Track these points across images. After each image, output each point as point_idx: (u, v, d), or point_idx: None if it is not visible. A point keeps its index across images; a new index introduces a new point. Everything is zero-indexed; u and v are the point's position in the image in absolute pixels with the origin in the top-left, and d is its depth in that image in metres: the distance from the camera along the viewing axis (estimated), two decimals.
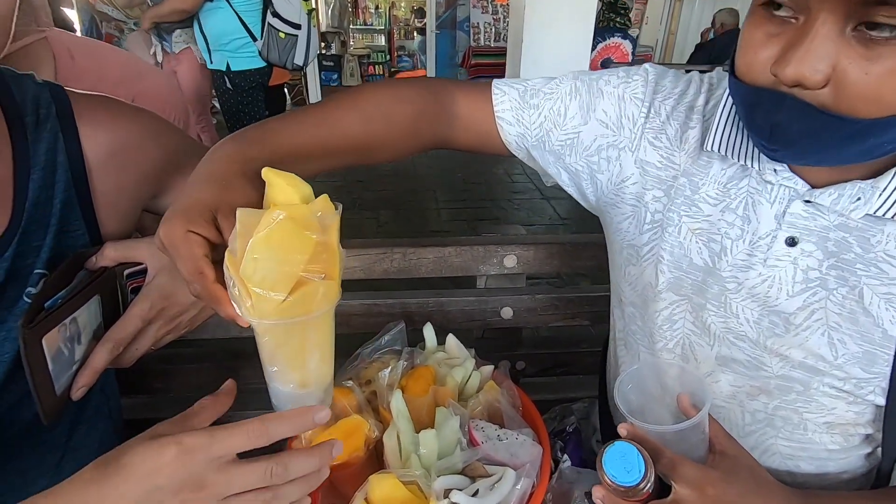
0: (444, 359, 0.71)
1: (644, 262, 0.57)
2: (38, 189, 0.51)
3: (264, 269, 0.34)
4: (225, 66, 2.49)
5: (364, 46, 7.53)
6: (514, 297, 0.84)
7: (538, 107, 0.58)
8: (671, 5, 7.07)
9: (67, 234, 0.53)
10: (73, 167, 0.54)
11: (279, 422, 0.37)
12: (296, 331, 0.38)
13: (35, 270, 0.50)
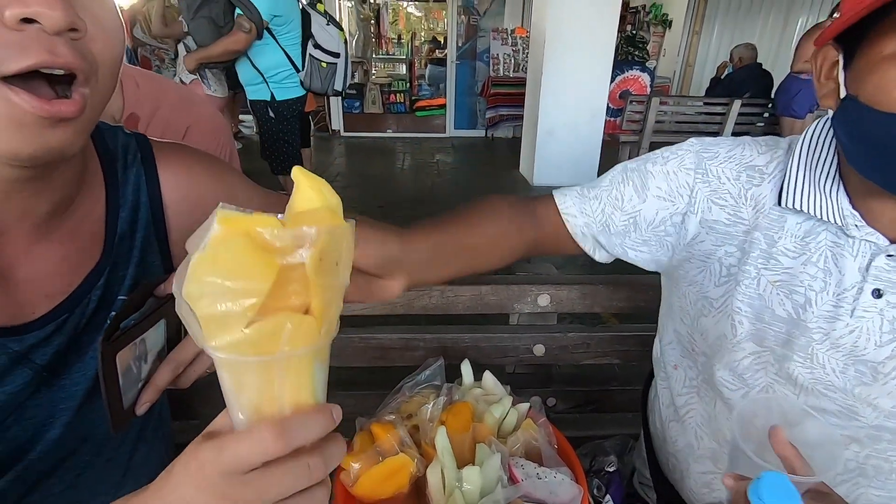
0: (482, 395, 0.73)
1: (718, 313, 0.59)
2: (125, 225, 0.56)
3: (211, 293, 0.27)
4: (269, 97, 2.61)
5: (386, 75, 7.76)
6: (547, 335, 0.86)
7: (598, 197, 0.65)
8: (689, 38, 7.17)
9: (146, 265, 0.58)
10: (153, 206, 0.59)
11: (302, 422, 0.30)
12: (260, 374, 0.29)
13: (119, 297, 0.56)
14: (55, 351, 0.51)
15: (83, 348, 0.53)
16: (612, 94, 4.84)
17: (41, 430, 0.52)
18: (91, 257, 0.54)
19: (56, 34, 0.36)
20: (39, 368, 0.50)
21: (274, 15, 2.44)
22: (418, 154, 6.15)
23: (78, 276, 0.53)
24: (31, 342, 0.49)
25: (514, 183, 4.92)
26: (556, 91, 4.50)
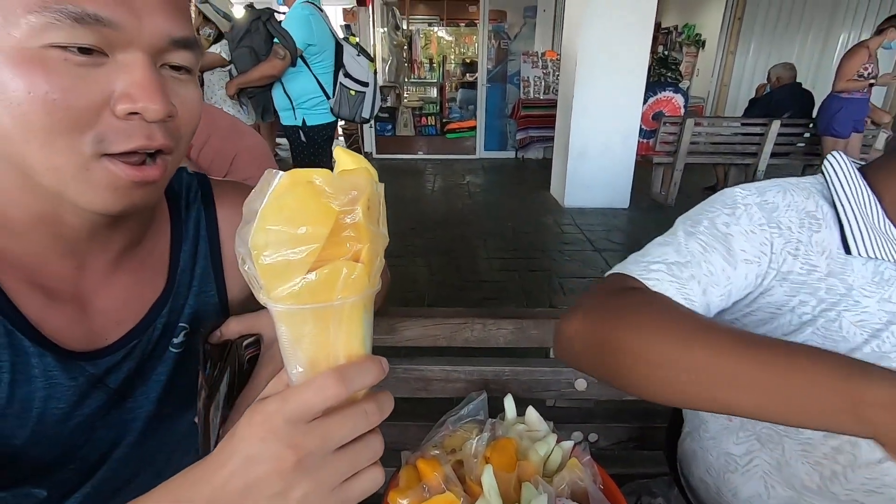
0: (525, 431, 0.73)
1: None
2: (186, 258, 0.60)
3: (276, 241, 0.29)
4: (301, 122, 2.74)
5: (418, 99, 7.92)
6: None
7: (694, 277, 0.57)
8: (723, 57, 7.08)
9: (204, 294, 0.62)
10: (211, 241, 0.63)
11: (357, 369, 0.32)
12: (316, 322, 0.31)
13: (179, 324, 0.59)
14: (125, 375, 0.55)
15: (147, 373, 0.57)
16: (645, 116, 4.80)
17: (110, 451, 0.56)
18: (156, 288, 0.58)
19: (154, 122, 0.42)
20: (112, 391, 0.54)
21: (308, 44, 2.60)
22: (449, 175, 6.22)
23: (145, 305, 0.57)
24: (106, 366, 0.53)
25: (545, 204, 4.92)
26: (588, 113, 4.51)
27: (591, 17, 4.21)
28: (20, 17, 0.37)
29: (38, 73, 0.38)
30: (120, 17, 0.39)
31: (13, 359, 0.46)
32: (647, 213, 4.67)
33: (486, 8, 6.68)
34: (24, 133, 0.39)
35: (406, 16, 8.46)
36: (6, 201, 0.45)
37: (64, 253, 0.49)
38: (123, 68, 0.40)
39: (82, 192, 0.42)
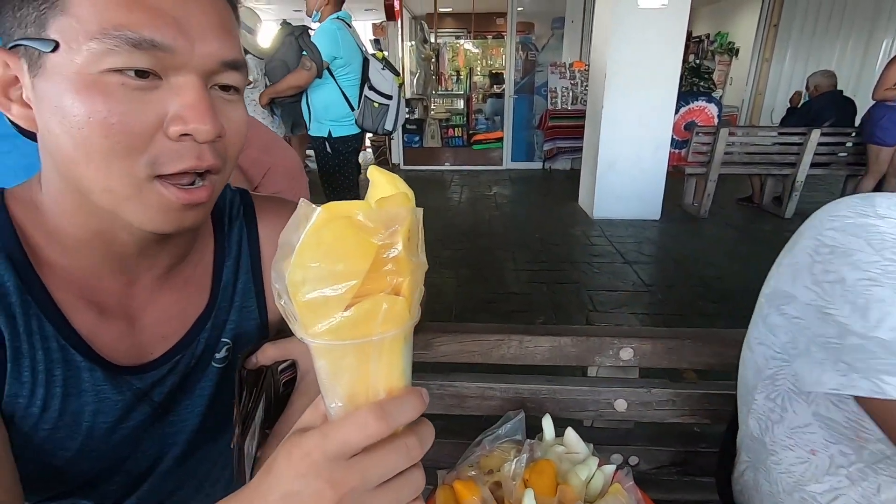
0: (565, 453, 0.71)
1: None
2: (229, 274, 0.61)
3: (314, 278, 0.28)
4: (327, 133, 2.81)
5: (444, 111, 7.99)
6: (629, 390, 0.83)
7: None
8: (758, 65, 6.90)
9: (245, 310, 0.62)
10: (253, 256, 0.64)
11: (398, 403, 0.31)
12: (356, 357, 0.31)
13: (221, 339, 0.60)
14: (169, 389, 0.55)
15: (191, 387, 0.58)
16: (677, 126, 4.71)
17: (154, 464, 0.57)
18: (199, 303, 0.59)
19: (204, 143, 0.43)
20: (156, 405, 0.55)
21: (334, 56, 2.68)
22: (476, 187, 6.22)
23: (189, 320, 0.57)
24: (151, 381, 0.54)
25: (573, 216, 4.86)
26: (618, 123, 4.45)
27: (621, 27, 4.17)
28: (82, 43, 0.38)
29: (98, 97, 0.39)
30: (175, 42, 0.40)
31: (66, 373, 0.47)
32: (680, 225, 4.56)
33: (513, 20, 6.71)
34: (83, 155, 0.40)
35: (434, 29, 8.57)
36: (64, 219, 0.46)
37: (115, 270, 0.51)
38: (176, 90, 0.42)
39: (135, 213, 0.44)
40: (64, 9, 0.38)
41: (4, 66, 0.41)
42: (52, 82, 0.39)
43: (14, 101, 0.42)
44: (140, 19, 0.39)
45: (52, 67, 0.39)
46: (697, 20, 8.03)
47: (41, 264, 0.47)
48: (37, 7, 0.39)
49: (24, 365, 0.45)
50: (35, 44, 0.39)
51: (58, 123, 0.40)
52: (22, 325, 0.45)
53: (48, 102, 0.40)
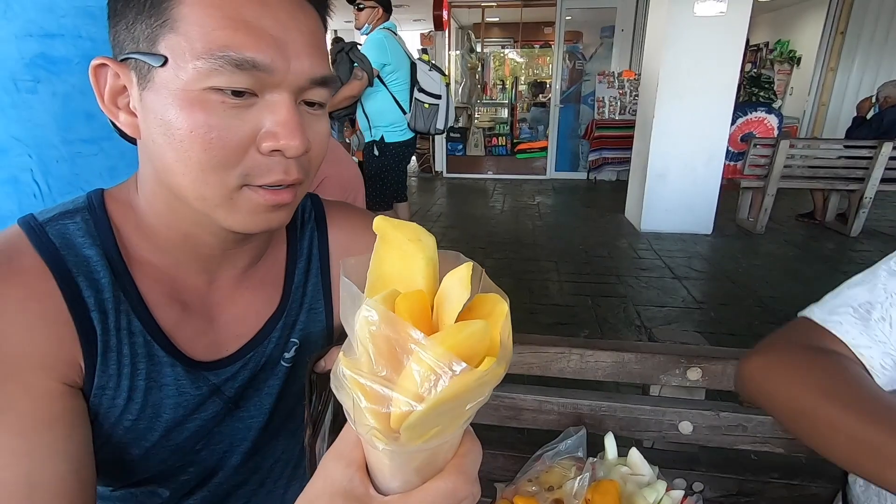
0: (629, 474, 0.68)
1: None
2: (301, 275, 0.62)
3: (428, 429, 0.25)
4: (379, 137, 2.89)
5: (489, 119, 8.00)
6: (695, 412, 0.79)
7: (885, 318, 0.54)
8: (822, 75, 6.54)
9: (314, 311, 0.64)
10: (322, 259, 0.65)
11: (472, 459, 0.30)
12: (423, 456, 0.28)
13: (291, 339, 0.61)
14: (239, 385, 0.57)
15: (260, 384, 0.59)
16: (733, 137, 4.53)
17: (225, 457, 0.58)
18: (272, 303, 0.60)
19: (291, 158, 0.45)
20: (227, 400, 0.56)
21: (383, 64, 2.76)
22: (518, 196, 6.18)
23: (262, 318, 0.59)
24: (225, 376, 0.55)
25: (619, 228, 4.74)
26: (670, 134, 4.32)
27: (676, 35, 4.06)
28: (188, 61, 0.40)
29: (200, 113, 0.41)
30: (273, 62, 0.42)
31: (149, 367, 0.49)
32: (733, 241, 4.36)
33: (561, 29, 6.66)
34: (182, 166, 0.43)
35: (481, 38, 8.62)
36: (157, 220, 0.49)
37: (199, 268, 0.53)
38: (269, 107, 0.43)
39: (226, 217, 0.46)
40: (174, 28, 0.40)
41: (115, 76, 0.43)
42: (159, 95, 0.41)
43: (121, 108, 0.44)
44: (243, 41, 0.40)
45: (159, 81, 0.41)
46: (756, 28, 7.71)
47: (133, 262, 0.49)
48: (150, 24, 0.41)
49: (112, 359, 0.47)
50: (146, 58, 0.41)
51: (161, 134, 0.42)
52: (113, 321, 0.47)
53: (154, 114, 0.42)
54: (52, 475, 0.40)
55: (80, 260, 0.46)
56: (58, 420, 0.42)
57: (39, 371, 0.42)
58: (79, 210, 0.48)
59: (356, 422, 0.25)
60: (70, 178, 0.86)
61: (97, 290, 0.46)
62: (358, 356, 0.25)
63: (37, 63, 0.79)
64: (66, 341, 0.44)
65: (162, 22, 0.41)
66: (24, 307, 0.42)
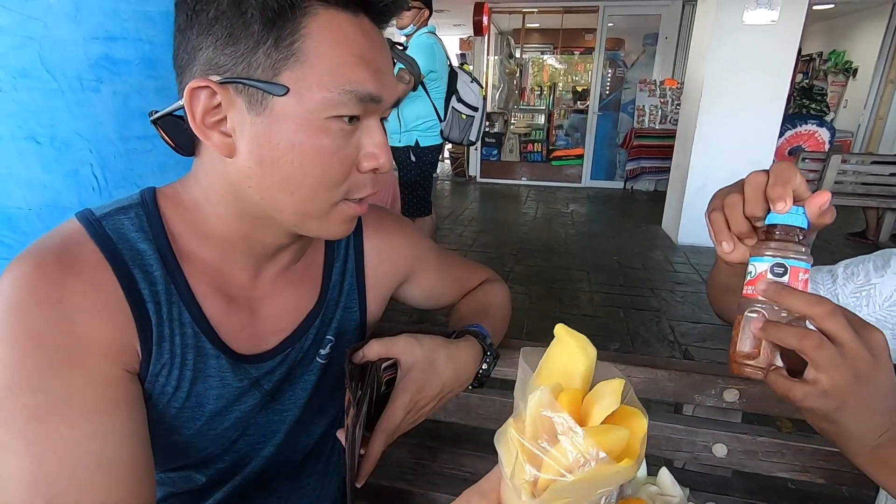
0: (657, 493, 0.67)
1: None
2: (337, 275, 0.65)
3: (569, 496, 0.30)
4: (414, 143, 2.89)
5: (525, 125, 7.95)
6: (730, 435, 0.77)
7: (831, 272, 0.67)
8: (880, 87, 6.22)
9: (348, 310, 0.66)
10: (357, 259, 0.67)
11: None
12: None
13: (327, 336, 0.63)
14: (277, 379, 0.59)
15: (296, 379, 0.61)
16: (780, 150, 4.35)
17: (258, 447, 0.60)
18: (310, 301, 0.62)
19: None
20: (265, 392, 0.58)
21: (430, 70, 2.76)
22: (552, 203, 6.12)
23: (300, 315, 0.61)
24: (264, 370, 0.57)
25: (655, 239, 4.62)
26: (712, 145, 4.19)
27: (723, 44, 3.94)
28: (315, 92, 0.44)
29: (325, 139, 0.45)
30: (383, 94, 0.47)
31: (196, 358, 0.52)
32: None
33: (603, 36, 6.57)
34: (292, 186, 0.47)
35: (520, 44, 8.60)
36: (218, 222, 0.51)
37: (246, 264, 0.55)
38: (367, 131, 0.49)
39: (318, 227, 0.51)
40: (302, 61, 0.43)
41: (211, 96, 0.44)
42: (277, 122, 0.44)
43: (212, 128, 0.46)
44: (365, 76, 0.45)
45: (278, 109, 0.44)
46: (808, 37, 7.40)
47: (183, 256, 0.51)
48: (272, 55, 0.43)
49: (165, 348, 0.49)
50: (267, 87, 0.43)
51: (271, 157, 0.45)
52: (166, 312, 0.49)
53: (265, 138, 0.45)
54: (122, 454, 0.43)
55: (135, 253, 0.48)
56: (122, 403, 0.45)
57: (103, 357, 0.44)
58: (133, 206, 0.51)
59: (514, 474, 0.32)
60: (125, 173, 0.91)
61: (151, 283, 0.48)
62: (525, 425, 0.31)
63: (101, 64, 0.84)
64: (126, 330, 0.46)
65: (287, 55, 0.43)
66: (87, 297, 0.44)
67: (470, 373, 0.63)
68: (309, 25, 0.43)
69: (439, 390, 0.60)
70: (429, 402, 0.60)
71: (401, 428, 0.59)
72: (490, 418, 0.85)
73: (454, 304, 0.79)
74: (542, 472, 0.30)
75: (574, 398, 0.32)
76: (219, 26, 0.43)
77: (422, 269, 0.74)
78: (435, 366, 0.59)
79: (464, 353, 0.62)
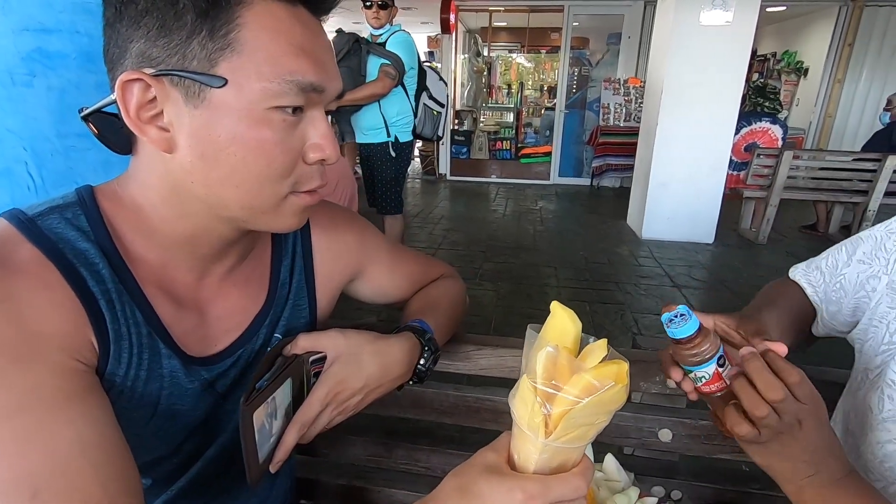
0: (603, 479, 0.69)
1: (870, 385, 0.56)
2: (286, 272, 0.64)
3: (575, 427, 0.38)
4: (394, 139, 2.88)
5: (494, 123, 8.00)
6: (675, 420, 0.79)
7: (818, 268, 0.72)
8: (829, 86, 6.52)
9: (297, 308, 0.65)
10: (305, 256, 0.66)
11: (589, 469, 0.42)
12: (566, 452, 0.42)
13: (275, 335, 0.62)
14: (230, 381, 0.58)
15: (248, 380, 0.60)
16: (737, 147, 4.52)
17: (203, 448, 0.60)
18: (258, 300, 0.61)
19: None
20: (218, 395, 0.57)
21: (410, 67, 2.79)
22: (521, 200, 6.18)
23: (249, 315, 0.60)
24: (217, 372, 0.57)
25: (621, 235, 4.73)
26: (673, 142, 4.32)
27: (681, 44, 4.06)
28: (254, 83, 0.43)
29: (266, 131, 0.45)
30: (325, 84, 0.47)
31: (150, 358, 0.50)
32: (735, 250, 4.35)
33: (568, 35, 6.67)
34: (236, 180, 0.46)
35: (488, 42, 8.64)
36: (161, 222, 0.50)
37: (192, 266, 0.54)
38: (311, 122, 0.48)
39: (269, 221, 0.51)
40: (239, 51, 0.42)
41: (145, 89, 0.43)
42: (217, 114, 0.43)
43: (148, 122, 0.44)
44: (307, 66, 0.45)
45: (217, 101, 0.43)
46: (763, 38, 7.69)
47: (129, 257, 0.50)
48: (207, 46, 0.42)
49: (124, 346, 0.48)
50: (203, 78, 0.42)
51: (213, 151, 0.44)
52: (120, 310, 0.47)
53: (205, 131, 0.44)
54: (101, 438, 0.41)
55: (78, 252, 0.46)
56: (88, 392, 0.43)
57: (62, 351, 0.42)
58: (69, 205, 0.48)
59: (530, 419, 0.39)
60: (64, 172, 0.87)
61: (99, 281, 0.46)
62: (537, 375, 0.39)
63: (33, 57, 0.80)
64: (80, 326, 0.44)
65: (223, 45, 0.42)
66: (35, 295, 0.42)
67: (402, 368, 0.63)
68: (244, 15, 0.42)
69: (363, 384, 0.59)
70: (352, 396, 0.60)
71: (320, 421, 0.59)
72: (445, 412, 0.85)
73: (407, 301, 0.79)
74: (555, 407, 0.38)
75: (571, 353, 0.41)
76: (150, 17, 0.41)
77: (373, 265, 0.74)
78: (360, 360, 0.59)
79: (395, 348, 0.62)
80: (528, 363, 0.41)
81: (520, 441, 0.42)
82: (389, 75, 2.67)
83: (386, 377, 0.62)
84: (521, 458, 0.42)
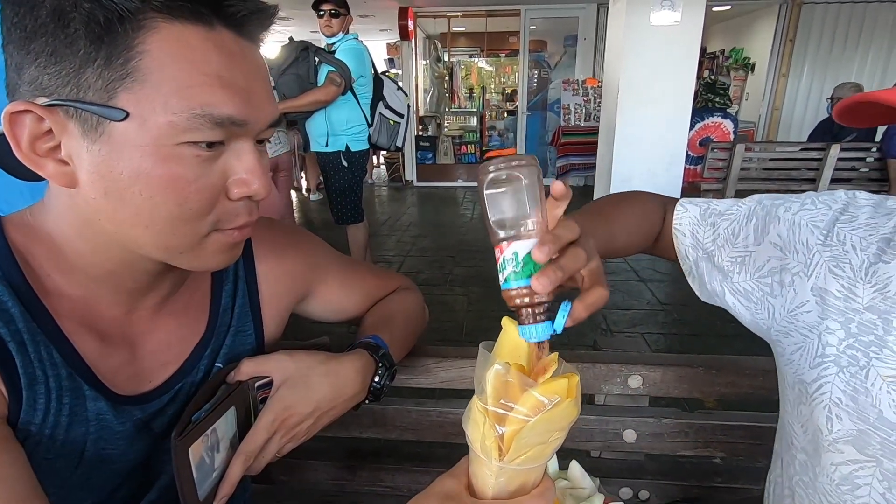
0: (568, 488, 0.67)
1: (813, 402, 0.52)
2: (227, 298, 0.60)
3: (528, 446, 0.38)
4: (344, 148, 2.83)
5: (458, 128, 8.03)
6: (638, 420, 0.79)
7: (714, 225, 0.63)
8: (775, 81, 6.81)
9: (241, 334, 0.61)
10: (248, 279, 0.63)
11: (551, 491, 0.42)
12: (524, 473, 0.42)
13: (216, 364, 0.58)
14: (168, 420, 0.54)
15: None
16: (692, 142, 4.66)
17: (144, 492, 0.55)
18: (198, 329, 0.58)
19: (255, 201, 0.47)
20: (156, 435, 0.53)
21: (360, 74, 2.74)
22: None
23: (188, 346, 0.56)
24: (152, 410, 0.53)
25: None
26: (631, 140, 4.42)
27: (634, 44, 4.17)
28: (160, 116, 0.39)
29: (175, 168, 0.40)
30: (247, 116, 0.42)
31: (73, 402, 0.46)
32: None
33: (526, 38, 6.76)
34: (144, 220, 0.42)
35: (447, 47, 8.68)
36: (78, 257, 0.46)
37: (117, 300, 0.50)
38: (236, 155, 0.44)
39: (191, 260, 0.46)
40: (142, 81, 0.38)
41: (38, 121, 0.39)
42: (119, 150, 0.39)
43: (45, 156, 0.40)
44: (221, 98, 0.40)
45: (118, 136, 0.39)
46: (712, 36, 7.99)
47: (45, 292, 0.46)
48: (104, 76, 0.38)
49: (40, 392, 0.44)
50: (102, 111, 0.38)
51: (116, 189, 0.40)
52: (33, 352, 0.43)
53: (106, 168, 0.40)
54: (11, 493, 0.38)
55: None
56: (1, 443, 0.40)
57: None
58: None
59: (483, 441, 0.38)
60: None
61: (7, 321, 0.42)
62: (487, 395, 0.38)
63: None
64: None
65: (124, 74, 0.38)
66: None
67: (356, 388, 0.60)
68: (147, 41, 0.38)
69: (313, 407, 0.57)
70: (302, 421, 0.57)
71: (269, 449, 0.56)
72: (408, 429, 0.83)
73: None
74: (507, 427, 0.37)
75: (522, 370, 0.40)
76: (38, 43, 0.37)
77: (323, 282, 0.71)
78: (309, 382, 0.57)
79: (347, 367, 0.60)
80: (479, 383, 0.40)
81: (476, 465, 0.41)
82: (334, 82, 2.63)
83: (338, 398, 0.59)
84: (479, 483, 0.41)
